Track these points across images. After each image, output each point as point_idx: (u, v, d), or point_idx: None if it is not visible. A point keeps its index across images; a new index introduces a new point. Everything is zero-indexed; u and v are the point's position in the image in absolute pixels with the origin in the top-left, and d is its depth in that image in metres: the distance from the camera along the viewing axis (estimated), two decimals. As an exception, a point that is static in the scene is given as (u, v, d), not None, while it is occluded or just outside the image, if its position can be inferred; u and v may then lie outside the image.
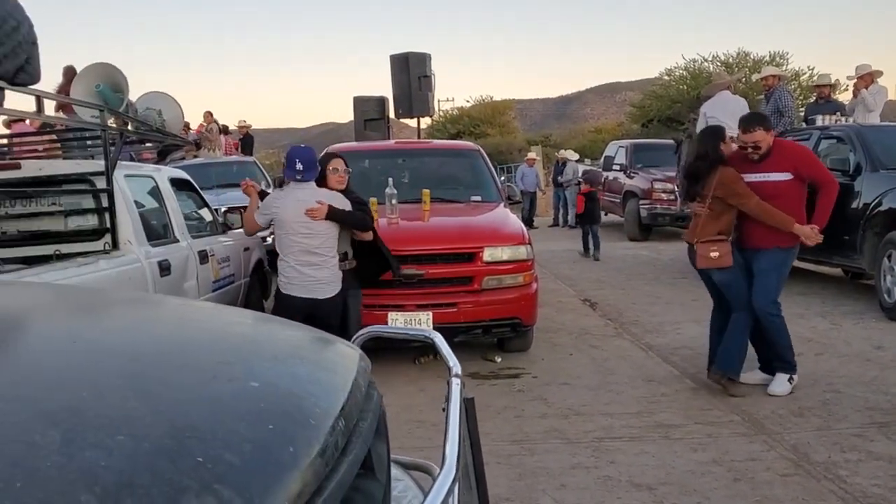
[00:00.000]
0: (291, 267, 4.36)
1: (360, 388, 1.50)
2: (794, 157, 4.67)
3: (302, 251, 4.33)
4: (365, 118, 9.26)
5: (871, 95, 8.74)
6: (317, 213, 4.31)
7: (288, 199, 4.39)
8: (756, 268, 4.59)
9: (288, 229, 4.34)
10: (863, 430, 4.04)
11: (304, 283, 4.35)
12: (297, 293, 4.35)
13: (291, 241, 4.35)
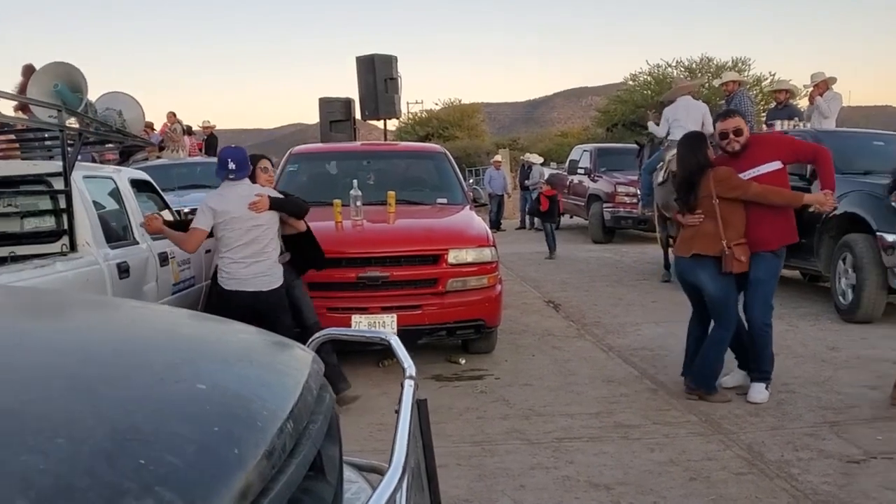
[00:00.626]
0: (235, 262, 4.39)
1: (311, 391, 1.51)
2: (777, 144, 4.73)
3: (245, 245, 4.38)
4: (331, 119, 9.24)
5: (826, 102, 8.96)
6: (260, 204, 4.39)
7: (230, 196, 4.42)
8: (753, 277, 4.50)
9: (233, 225, 4.38)
10: (815, 430, 4.14)
11: (247, 277, 4.39)
12: (243, 287, 4.39)
13: (236, 237, 4.38)
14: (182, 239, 4.57)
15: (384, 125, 9.61)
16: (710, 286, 4.49)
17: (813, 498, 3.32)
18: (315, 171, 7.08)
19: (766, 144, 4.72)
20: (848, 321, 6.60)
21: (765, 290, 4.53)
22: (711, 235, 4.44)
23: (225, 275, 4.43)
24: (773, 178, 4.49)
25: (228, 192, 4.44)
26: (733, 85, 9.14)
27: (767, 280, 4.53)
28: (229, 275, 4.41)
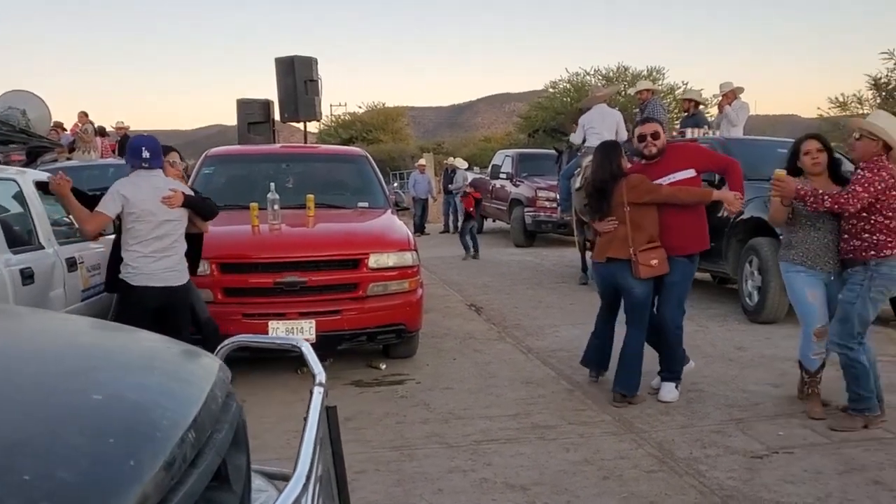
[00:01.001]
0: (144, 256, 4.23)
1: (216, 399, 1.48)
2: (691, 153, 4.91)
3: (156, 238, 4.25)
4: (249, 121, 9.07)
5: (735, 111, 9.35)
6: (174, 200, 4.25)
7: (143, 186, 4.25)
8: (668, 280, 4.64)
9: (145, 217, 4.21)
10: (722, 427, 4.31)
11: (157, 272, 4.25)
12: (153, 283, 4.24)
13: (147, 230, 4.23)
14: (85, 218, 4.29)
15: (304, 127, 9.50)
16: (635, 288, 4.63)
17: (719, 493, 3.45)
18: (231, 173, 6.94)
19: (680, 153, 4.89)
20: (754, 321, 6.89)
21: (678, 292, 4.70)
22: (623, 241, 4.58)
23: (132, 269, 4.25)
24: (686, 185, 4.66)
25: (142, 182, 4.27)
26: (647, 93, 9.43)
27: (681, 282, 4.70)
28: (137, 269, 4.24)
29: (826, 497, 3.40)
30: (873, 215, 4.07)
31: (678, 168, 4.68)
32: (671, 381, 4.79)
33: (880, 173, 4.04)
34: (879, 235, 4.06)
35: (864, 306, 4.11)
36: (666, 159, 4.74)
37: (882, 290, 4.13)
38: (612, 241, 4.65)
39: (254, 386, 5.05)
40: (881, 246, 4.06)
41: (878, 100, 26.23)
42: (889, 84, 25.89)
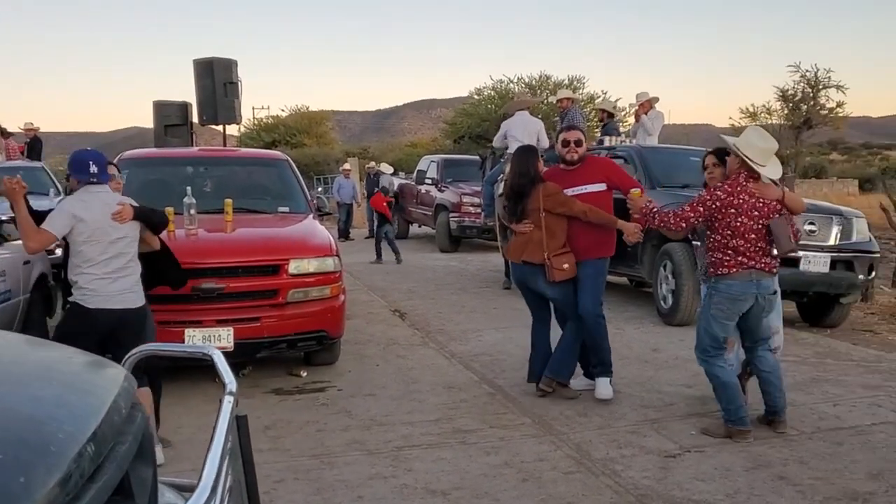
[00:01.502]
0: (99, 278, 3.89)
1: (119, 410, 1.44)
2: (605, 168, 5.04)
3: (111, 258, 3.94)
4: (166, 124, 8.82)
5: (650, 120, 9.64)
6: (123, 214, 3.96)
7: (93, 204, 3.92)
8: (582, 275, 4.80)
9: (97, 237, 3.89)
10: (637, 427, 4.43)
11: (113, 294, 3.93)
12: (108, 305, 3.92)
13: (100, 250, 3.91)
14: (31, 232, 3.86)
15: (224, 130, 9.31)
16: (549, 290, 4.81)
17: (634, 493, 3.54)
18: (146, 177, 6.72)
19: (597, 166, 5.05)
20: (668, 324, 7.11)
21: (593, 284, 4.85)
22: (538, 245, 4.73)
23: (88, 292, 3.89)
24: (598, 198, 4.81)
25: (92, 200, 3.94)
26: (567, 102, 9.62)
27: (595, 276, 4.86)
28: (94, 292, 3.89)
29: (735, 493, 3.53)
30: (713, 234, 4.13)
31: (592, 180, 4.84)
32: (605, 376, 4.90)
33: (715, 192, 4.09)
34: (716, 254, 4.12)
35: (707, 322, 4.18)
36: (582, 169, 4.90)
37: (721, 307, 4.12)
38: (528, 245, 4.80)
39: (170, 396, 4.90)
40: (717, 264, 4.11)
41: (785, 110, 27.51)
42: (795, 95, 27.23)
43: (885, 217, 11.20)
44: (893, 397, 4.95)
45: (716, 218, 4.09)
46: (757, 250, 4.08)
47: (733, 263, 4.07)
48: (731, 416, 4.19)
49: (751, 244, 4.06)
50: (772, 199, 4.08)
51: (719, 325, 4.17)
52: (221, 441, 1.40)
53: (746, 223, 4.04)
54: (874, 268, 7.38)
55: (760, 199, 4.06)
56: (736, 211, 4.03)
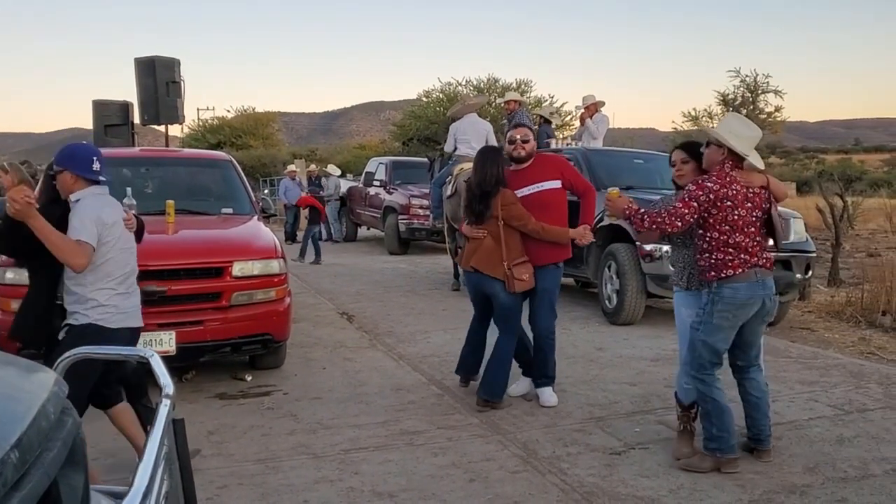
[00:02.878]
0: (119, 294, 3.42)
1: (47, 416, 1.39)
2: (559, 165, 4.96)
3: (131, 271, 3.53)
4: (106, 123, 8.61)
5: (595, 124, 9.79)
6: (132, 221, 3.58)
7: (112, 208, 3.45)
8: (539, 287, 4.72)
9: (121, 244, 3.44)
10: (583, 425, 4.47)
11: (130, 310, 3.49)
12: (128, 324, 3.47)
13: (123, 260, 3.45)
14: (72, 248, 3.22)
15: (166, 131, 9.11)
16: (503, 296, 4.69)
17: (580, 490, 3.57)
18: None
19: (549, 163, 4.97)
20: (613, 323, 7.21)
21: (550, 298, 4.81)
22: (493, 255, 4.65)
23: (111, 310, 3.38)
24: (553, 195, 4.78)
25: (105, 202, 3.44)
26: (514, 104, 9.69)
27: (552, 289, 4.82)
28: (117, 308, 3.41)
29: (678, 489, 3.59)
30: (708, 232, 3.72)
31: (546, 178, 4.78)
32: (548, 386, 4.90)
33: (705, 184, 3.69)
34: (718, 254, 3.70)
35: (707, 334, 3.72)
36: (534, 167, 4.85)
37: (726, 315, 3.70)
38: (478, 252, 4.71)
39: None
40: (720, 266, 3.69)
41: (725, 114, 28.21)
42: (736, 100, 27.95)
43: (820, 218, 11.56)
44: (829, 392, 5.11)
45: (710, 213, 3.69)
46: (756, 245, 3.74)
47: (738, 263, 3.68)
48: (722, 444, 3.77)
49: (750, 238, 3.71)
50: (758, 186, 3.80)
51: (723, 337, 3.74)
52: (155, 445, 1.36)
53: (744, 216, 3.70)
54: (811, 267, 7.61)
55: (750, 188, 3.74)
56: (732, 203, 3.68)
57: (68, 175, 3.38)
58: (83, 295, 3.34)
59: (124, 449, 3.98)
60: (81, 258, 3.22)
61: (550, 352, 4.88)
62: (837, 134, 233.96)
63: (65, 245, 3.20)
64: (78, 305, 3.35)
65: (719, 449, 3.77)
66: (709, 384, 3.78)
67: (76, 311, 3.35)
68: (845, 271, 10.63)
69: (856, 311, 7.78)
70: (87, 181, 3.39)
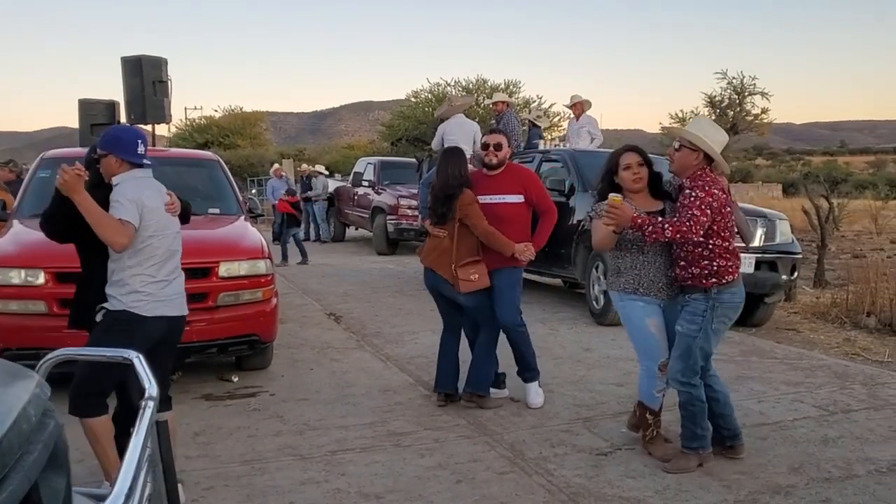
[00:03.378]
0: (157, 280, 3.33)
1: (28, 418, 1.38)
2: (525, 180, 4.84)
3: (171, 255, 3.42)
4: (92, 123, 8.51)
5: (580, 126, 9.84)
6: (175, 206, 3.46)
7: (153, 191, 3.38)
8: (497, 285, 4.68)
9: (160, 229, 3.34)
10: (570, 426, 4.48)
11: (170, 297, 3.40)
12: (165, 312, 3.36)
13: (164, 246, 3.36)
14: (114, 226, 3.16)
15: (153, 130, 9.04)
16: (462, 298, 4.67)
17: (566, 491, 3.58)
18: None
19: (517, 176, 4.84)
20: (600, 324, 7.22)
21: (508, 295, 4.72)
22: (448, 255, 4.64)
23: (145, 298, 3.29)
24: (513, 209, 4.70)
25: (146, 184, 3.38)
26: (502, 105, 9.70)
27: (509, 287, 4.73)
28: (151, 297, 3.31)
29: (664, 489, 3.60)
30: (711, 239, 3.69)
31: (511, 191, 4.70)
32: (533, 381, 4.87)
33: (712, 191, 3.65)
34: (719, 261, 3.69)
35: (706, 340, 3.74)
36: (504, 176, 4.75)
37: (724, 320, 3.78)
38: (435, 251, 4.72)
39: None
40: (722, 272, 3.70)
41: (712, 116, 28.35)
42: (723, 101, 28.08)
43: (806, 219, 11.65)
44: (814, 393, 5.14)
45: (715, 220, 3.67)
46: (735, 249, 3.80)
47: (735, 268, 3.74)
48: (704, 442, 3.84)
49: (734, 243, 3.80)
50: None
51: (716, 340, 3.81)
52: (139, 447, 1.35)
53: (733, 221, 3.79)
54: (797, 268, 7.66)
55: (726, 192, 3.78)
56: (730, 209, 3.75)
57: (113, 159, 3.32)
58: (120, 279, 3.28)
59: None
60: (122, 237, 3.17)
61: (524, 345, 4.85)
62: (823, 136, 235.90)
63: (107, 222, 3.16)
64: (114, 289, 3.29)
65: (702, 447, 3.84)
66: (698, 387, 3.81)
67: (112, 295, 3.30)
68: (831, 272, 10.72)
69: (841, 313, 7.83)
70: (131, 164, 3.33)
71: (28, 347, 4.50)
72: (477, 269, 4.62)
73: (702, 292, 3.74)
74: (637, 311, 3.90)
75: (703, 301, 3.74)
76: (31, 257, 4.81)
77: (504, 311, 4.72)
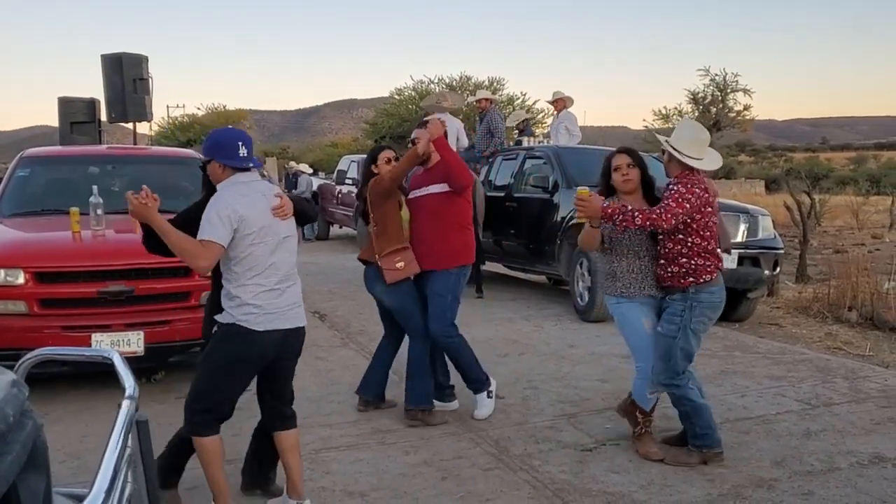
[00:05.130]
0: (269, 290, 3.12)
1: (4, 419, 1.36)
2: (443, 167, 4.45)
3: (280, 264, 3.17)
4: (72, 121, 8.47)
5: (560, 122, 9.90)
6: (286, 208, 3.20)
7: (253, 197, 3.13)
8: (429, 291, 4.45)
9: (262, 237, 3.10)
10: (554, 422, 4.49)
11: (282, 310, 3.17)
12: (278, 325, 3.15)
13: (267, 254, 3.12)
14: (195, 249, 3.00)
15: (134, 128, 8.99)
16: (386, 297, 4.50)
17: (551, 487, 3.58)
18: (50, 176, 6.45)
19: (440, 166, 4.48)
20: (585, 321, 7.24)
21: (440, 303, 4.44)
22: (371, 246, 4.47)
23: (255, 310, 3.10)
24: (439, 199, 4.42)
25: (250, 192, 3.14)
26: (486, 102, 9.71)
27: (442, 295, 4.44)
28: (262, 309, 3.11)
29: (648, 484, 3.62)
30: (690, 237, 3.72)
31: (435, 181, 4.44)
32: (481, 393, 4.58)
33: (693, 189, 3.68)
34: (697, 259, 3.72)
35: (686, 340, 3.74)
36: (433, 169, 4.49)
37: (703, 319, 3.78)
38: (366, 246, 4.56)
39: (77, 402, 4.73)
40: (700, 271, 3.72)
41: (696, 113, 28.54)
42: (706, 98, 28.29)
43: (788, 215, 11.74)
44: (796, 387, 5.18)
45: (694, 218, 3.70)
46: (715, 249, 3.82)
47: (713, 267, 3.76)
48: (707, 440, 3.83)
49: (715, 244, 3.81)
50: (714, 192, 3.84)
51: (697, 341, 3.81)
52: (117, 447, 1.34)
53: (715, 222, 3.80)
54: (779, 264, 7.73)
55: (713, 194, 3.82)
56: (711, 209, 3.76)
57: (216, 165, 3.17)
58: (229, 291, 3.13)
59: (90, 451, 3.93)
60: (201, 260, 3.00)
61: (459, 355, 4.53)
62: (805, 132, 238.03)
63: (184, 245, 3.00)
64: (226, 301, 3.14)
65: (705, 445, 3.84)
66: (683, 387, 3.81)
67: (224, 307, 3.15)
68: (813, 267, 10.81)
69: (823, 307, 7.90)
70: (234, 169, 3.16)
71: (7, 348, 4.44)
72: (403, 256, 4.36)
73: (680, 292, 3.77)
74: (634, 313, 3.90)
75: (681, 301, 3.77)
76: (10, 257, 4.76)
77: (432, 319, 4.43)
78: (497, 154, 9.40)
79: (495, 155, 9.41)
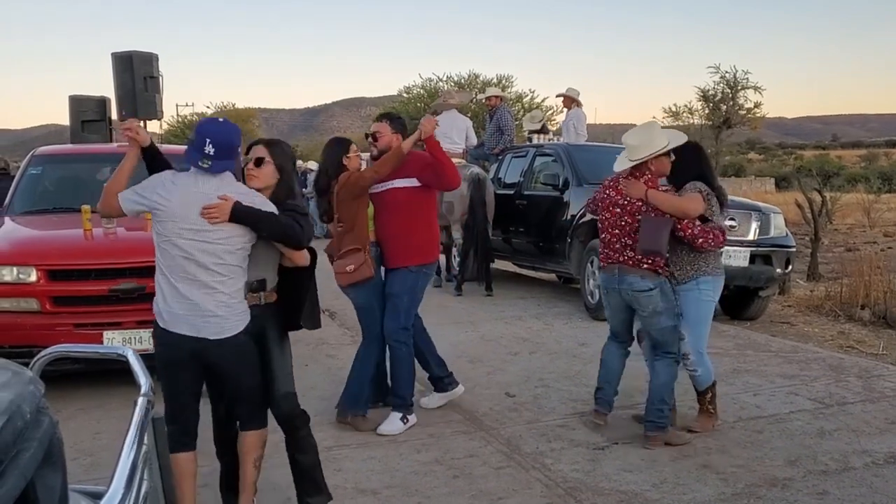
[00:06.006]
0: (173, 288, 2.93)
1: (22, 416, 1.36)
2: (417, 163, 4.31)
3: (189, 265, 2.91)
4: (83, 119, 8.49)
5: (570, 120, 9.85)
6: (215, 212, 2.90)
7: (182, 188, 2.94)
8: (388, 291, 4.34)
9: (172, 231, 2.91)
10: (566, 421, 4.47)
11: (185, 314, 2.93)
12: (180, 329, 2.93)
13: (176, 250, 2.91)
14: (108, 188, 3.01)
15: (144, 126, 9.00)
16: (350, 292, 4.36)
17: (563, 486, 3.57)
18: (62, 174, 6.48)
19: (411, 162, 4.29)
20: (595, 318, 7.20)
21: (396, 303, 4.32)
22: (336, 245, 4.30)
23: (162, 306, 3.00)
24: (403, 194, 4.29)
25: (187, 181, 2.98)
26: (496, 100, 9.68)
27: (399, 295, 4.32)
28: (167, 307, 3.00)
29: (661, 483, 3.60)
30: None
31: (402, 175, 4.25)
32: (397, 411, 4.33)
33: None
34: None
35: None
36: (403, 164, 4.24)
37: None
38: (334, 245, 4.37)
39: (89, 399, 4.74)
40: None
41: (706, 110, 28.39)
42: (716, 96, 28.14)
43: (799, 213, 11.67)
44: (809, 386, 5.14)
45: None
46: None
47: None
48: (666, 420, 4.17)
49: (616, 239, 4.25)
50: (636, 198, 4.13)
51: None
52: (133, 444, 1.34)
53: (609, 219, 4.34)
54: (791, 262, 7.67)
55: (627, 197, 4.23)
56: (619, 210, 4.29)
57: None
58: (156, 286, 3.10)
59: (102, 448, 3.95)
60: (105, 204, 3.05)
61: (400, 366, 4.38)
62: (815, 130, 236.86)
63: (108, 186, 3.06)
64: None
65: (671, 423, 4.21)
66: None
67: None
68: (824, 266, 10.74)
69: (835, 306, 7.85)
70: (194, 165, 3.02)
71: (21, 345, 4.46)
72: (354, 258, 4.15)
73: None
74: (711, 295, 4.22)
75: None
76: (22, 254, 4.78)
77: (388, 319, 4.31)
78: (506, 151, 9.38)
79: (505, 152, 9.39)
